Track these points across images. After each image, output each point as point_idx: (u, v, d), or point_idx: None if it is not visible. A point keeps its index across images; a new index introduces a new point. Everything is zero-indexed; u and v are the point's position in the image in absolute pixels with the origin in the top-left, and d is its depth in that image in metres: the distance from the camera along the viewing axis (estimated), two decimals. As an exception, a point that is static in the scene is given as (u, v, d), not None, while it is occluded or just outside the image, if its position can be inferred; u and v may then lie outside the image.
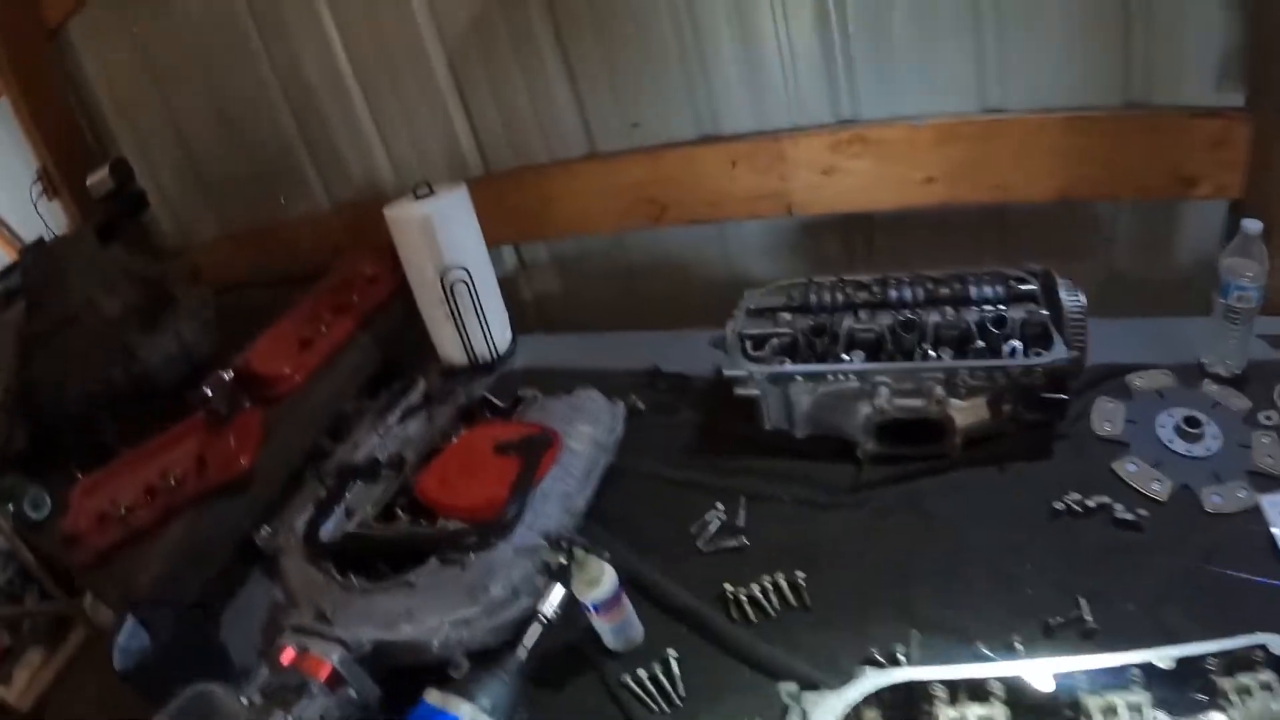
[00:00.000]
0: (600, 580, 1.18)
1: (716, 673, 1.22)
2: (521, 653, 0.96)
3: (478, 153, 2.10)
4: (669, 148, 1.90)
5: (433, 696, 0.90)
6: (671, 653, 1.24)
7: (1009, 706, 0.91)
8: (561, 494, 1.40)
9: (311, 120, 2.24)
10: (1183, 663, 0.88)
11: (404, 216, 1.82)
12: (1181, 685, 0.89)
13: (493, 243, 2.02)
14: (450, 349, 1.92)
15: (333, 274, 2.13)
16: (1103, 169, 1.66)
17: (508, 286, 2.05)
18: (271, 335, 1.94)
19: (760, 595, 1.28)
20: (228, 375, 1.78)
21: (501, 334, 1.94)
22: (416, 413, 1.71)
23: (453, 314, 1.85)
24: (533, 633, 0.99)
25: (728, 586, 1.30)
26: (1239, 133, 1.51)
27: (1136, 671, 0.88)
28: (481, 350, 1.91)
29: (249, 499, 1.69)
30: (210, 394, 1.73)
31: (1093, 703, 0.88)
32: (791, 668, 1.14)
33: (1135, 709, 0.86)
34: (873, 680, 0.92)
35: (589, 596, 1.18)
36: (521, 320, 2.06)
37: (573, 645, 1.30)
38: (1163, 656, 0.88)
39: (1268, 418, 1.33)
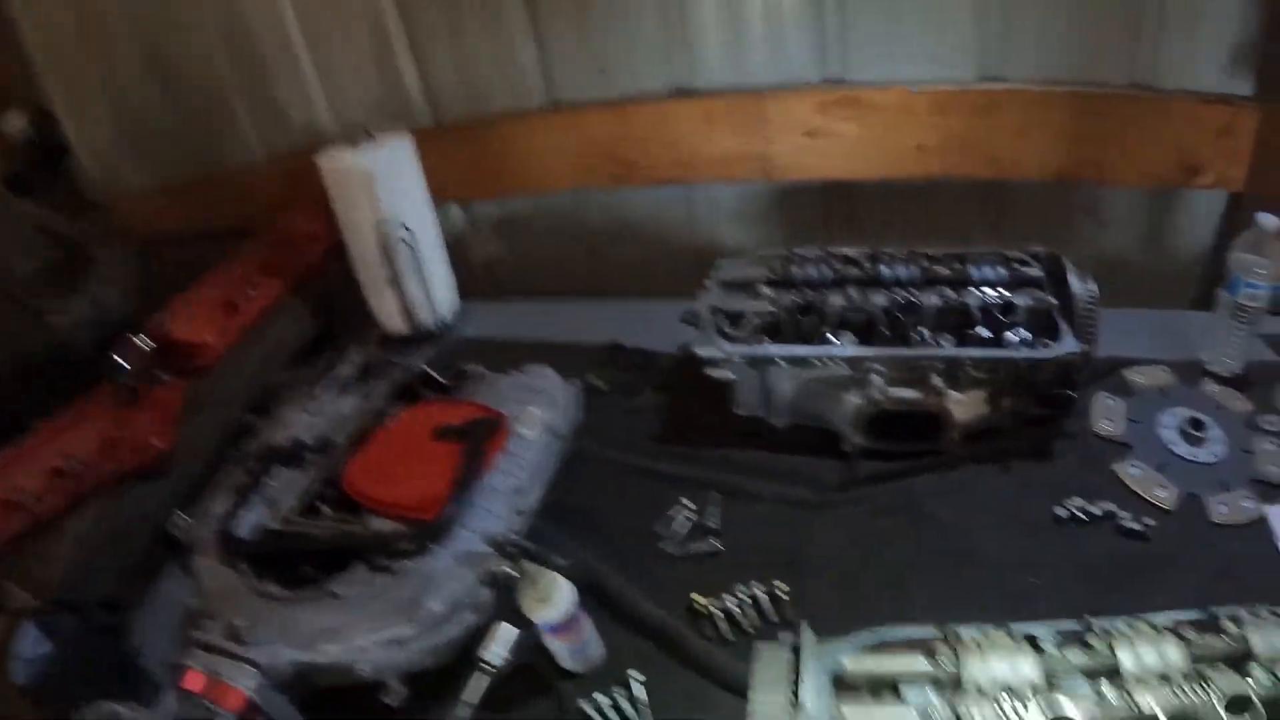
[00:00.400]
0: (553, 598, 0.99)
1: (686, 698, 1.05)
2: (463, 711, 0.76)
3: (426, 101, 1.85)
4: (639, 101, 1.68)
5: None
6: (635, 675, 1.06)
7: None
8: (510, 490, 1.19)
9: (248, 63, 1.96)
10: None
11: (340, 167, 1.59)
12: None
13: (441, 199, 1.80)
14: (390, 316, 1.70)
15: (265, 231, 1.88)
16: (1105, 150, 1.53)
17: (456, 249, 1.83)
18: (192, 298, 1.69)
19: (736, 609, 1.11)
20: (143, 343, 1.54)
21: (447, 300, 1.72)
22: (350, 388, 1.48)
23: (393, 277, 1.63)
24: (476, 686, 0.80)
25: (698, 599, 1.12)
26: (1246, 122, 1.42)
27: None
28: (424, 318, 1.69)
29: (167, 484, 1.47)
30: (123, 364, 1.50)
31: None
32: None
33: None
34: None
35: (541, 616, 0.99)
36: (470, 285, 1.84)
37: (525, 665, 1.12)
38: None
39: (1269, 423, 1.24)
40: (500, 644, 0.81)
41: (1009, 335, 1.21)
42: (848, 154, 1.61)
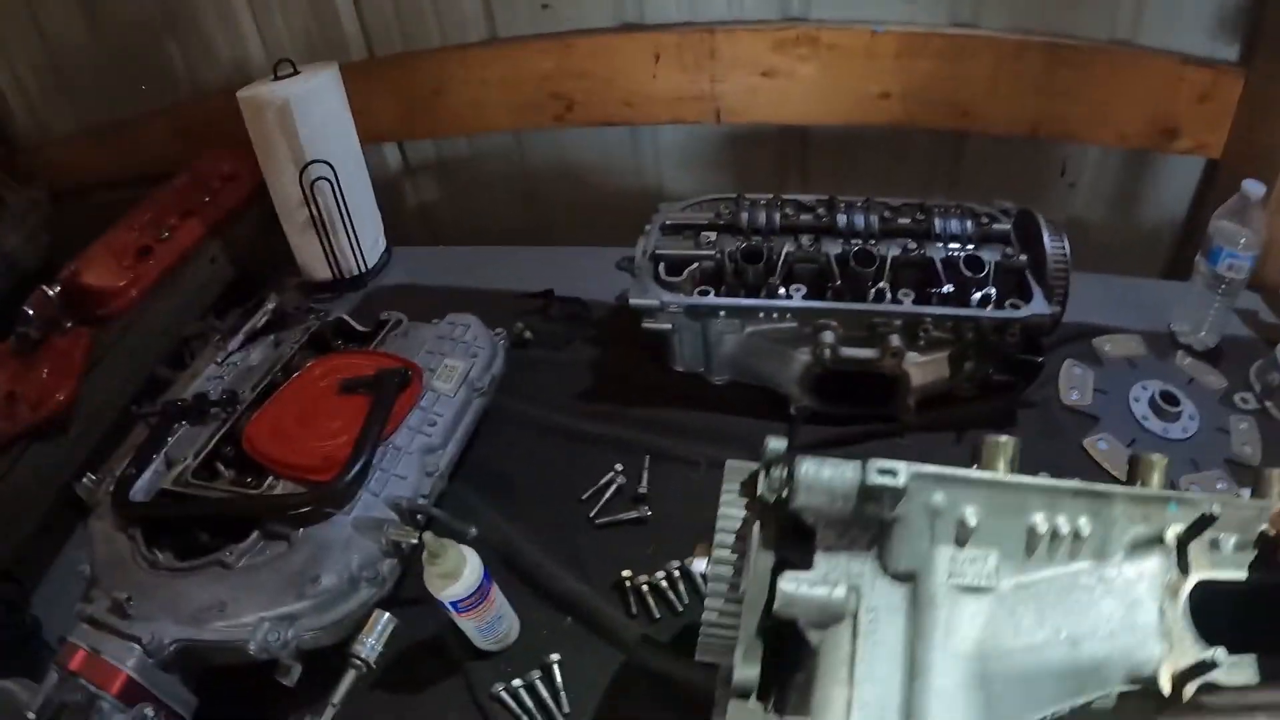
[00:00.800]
0: (459, 573, 0.86)
1: (608, 683, 0.93)
2: (328, 714, 0.63)
3: (361, 33, 1.68)
4: (583, 34, 1.52)
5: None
6: (554, 657, 0.94)
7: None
8: (420, 449, 1.05)
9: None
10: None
11: (258, 99, 1.42)
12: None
13: (373, 138, 1.65)
14: (312, 261, 1.54)
15: (185, 172, 1.71)
16: (1079, 107, 1.41)
17: (389, 192, 1.68)
18: (105, 243, 1.51)
19: (665, 584, 0.99)
20: (52, 291, 1.38)
21: (372, 245, 1.56)
22: (262, 337, 1.34)
23: (314, 219, 1.47)
24: (345, 682, 0.67)
25: (626, 574, 1.00)
26: (1228, 88, 1.32)
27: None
28: (348, 263, 1.53)
29: (70, 441, 1.33)
30: (27, 312, 1.35)
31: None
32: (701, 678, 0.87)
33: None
34: None
35: (445, 593, 0.86)
36: (403, 232, 1.68)
37: (433, 641, 1.00)
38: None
39: (1244, 400, 1.16)
40: (375, 636, 0.68)
41: (977, 294, 1.08)
42: (805, 97, 1.47)
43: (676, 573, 0.99)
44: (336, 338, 1.28)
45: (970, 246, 1.13)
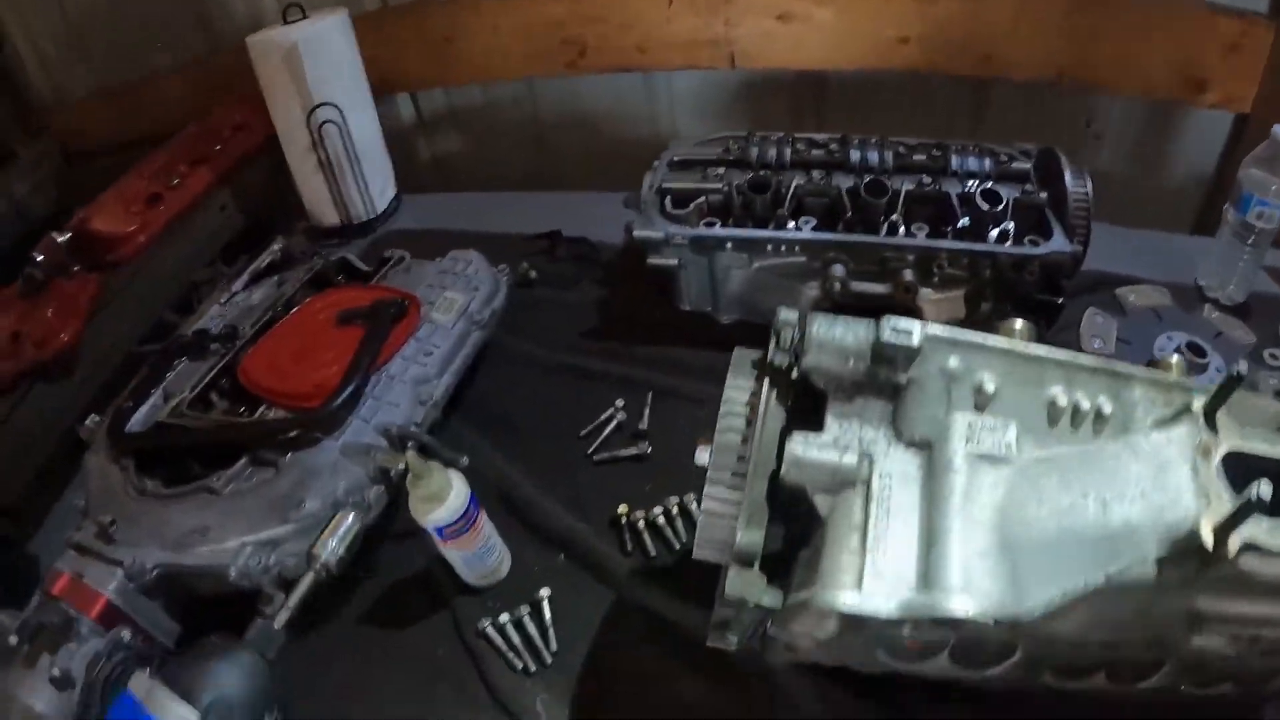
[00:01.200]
0: (443, 496, 0.80)
1: (599, 622, 0.88)
2: (280, 616, 0.58)
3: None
4: None
5: (139, 684, 0.52)
6: (544, 593, 0.89)
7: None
8: (415, 378, 1.00)
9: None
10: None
11: (267, 42, 1.38)
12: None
13: (386, 89, 1.60)
14: (320, 206, 1.48)
15: (196, 124, 1.67)
16: (1105, 53, 1.33)
17: (402, 143, 1.62)
18: (115, 191, 1.47)
19: (662, 520, 0.93)
20: (62, 238, 1.35)
21: (381, 189, 1.50)
22: (267, 278, 1.29)
23: (322, 163, 1.42)
24: (303, 584, 0.62)
25: (623, 510, 0.94)
26: (1259, 39, 1.24)
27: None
28: (355, 209, 1.48)
29: (74, 384, 1.30)
30: (39, 258, 1.31)
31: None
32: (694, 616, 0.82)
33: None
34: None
35: (429, 519, 0.81)
36: (415, 181, 1.63)
37: (422, 575, 0.95)
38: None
39: (1274, 356, 1.07)
40: (338, 539, 0.63)
41: (992, 230, 1.01)
42: (821, 42, 1.40)
43: (675, 509, 0.93)
44: (339, 275, 1.23)
45: (989, 184, 1.05)
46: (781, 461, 0.58)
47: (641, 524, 0.92)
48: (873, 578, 0.52)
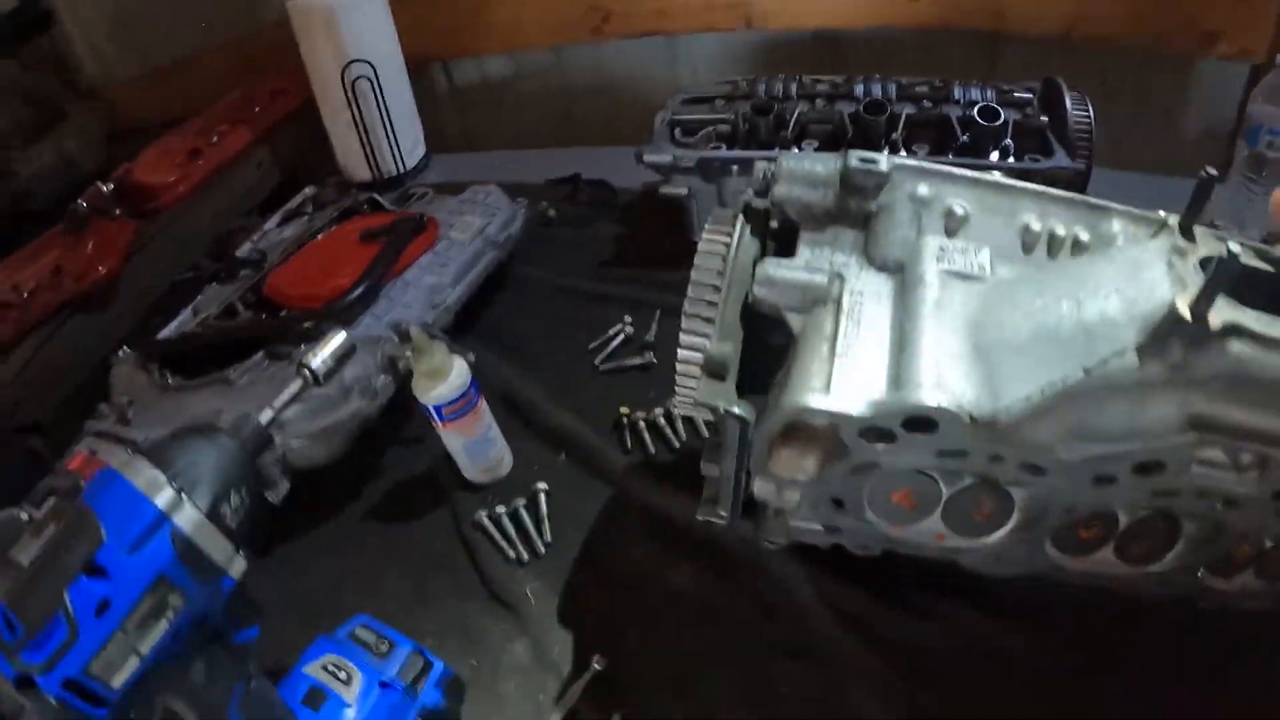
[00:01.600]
0: (445, 372, 0.81)
1: (596, 517, 0.87)
2: (263, 415, 0.58)
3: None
4: None
5: (117, 457, 0.53)
6: (542, 486, 0.88)
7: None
8: (429, 286, 1.01)
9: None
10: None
11: (306, 5, 1.42)
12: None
13: (420, 58, 1.62)
14: (352, 161, 1.51)
15: (239, 91, 1.72)
16: (1117, 8, 1.30)
17: (435, 113, 1.65)
18: (160, 145, 1.53)
19: (663, 421, 0.92)
20: (106, 187, 1.39)
21: (411, 148, 1.52)
22: (297, 217, 1.31)
23: (355, 118, 1.45)
24: (290, 389, 0.62)
25: (624, 410, 0.94)
26: None
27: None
28: (386, 164, 1.50)
29: (112, 316, 1.33)
30: (84, 205, 1.36)
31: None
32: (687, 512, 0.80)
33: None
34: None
35: (430, 395, 0.81)
36: (445, 146, 1.65)
37: (426, 474, 0.95)
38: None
39: None
40: (330, 352, 0.63)
41: (993, 151, 1.00)
42: (834, 1, 1.40)
43: (676, 410, 0.92)
44: (365, 209, 1.25)
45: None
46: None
47: (642, 424, 0.92)
48: (842, 380, 0.51)
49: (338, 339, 0.60)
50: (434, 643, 0.74)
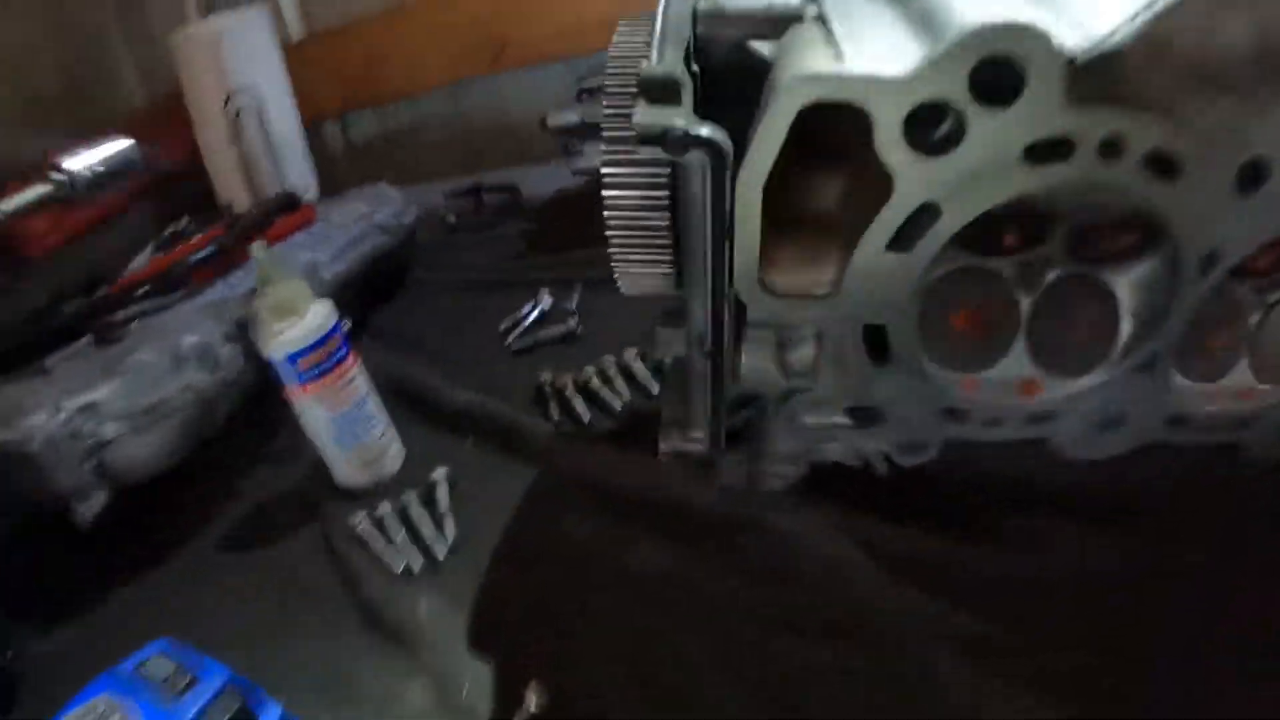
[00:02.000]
0: (297, 308, 0.59)
1: (517, 501, 0.64)
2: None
3: (297, 10, 1.52)
4: None
5: None
6: (439, 473, 0.65)
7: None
8: (303, 262, 0.79)
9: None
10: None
11: (189, 35, 1.28)
12: None
13: (316, 115, 1.47)
14: (237, 199, 1.31)
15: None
16: None
17: (330, 171, 1.48)
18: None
19: (598, 382, 0.71)
20: None
21: (301, 185, 1.33)
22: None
23: (239, 151, 1.26)
24: (27, 193, 0.41)
25: (545, 377, 0.73)
26: None
27: None
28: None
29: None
30: None
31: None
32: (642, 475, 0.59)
33: None
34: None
35: (280, 341, 0.59)
36: (339, 190, 1.47)
37: (295, 491, 0.71)
38: None
39: None
40: (99, 155, 0.42)
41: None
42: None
43: (613, 369, 0.71)
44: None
45: None
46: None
47: (571, 387, 0.71)
48: (854, 52, 0.32)
49: (114, 145, 0.40)
50: (298, 696, 0.50)
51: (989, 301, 0.36)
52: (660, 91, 0.34)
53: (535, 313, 0.83)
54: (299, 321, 0.59)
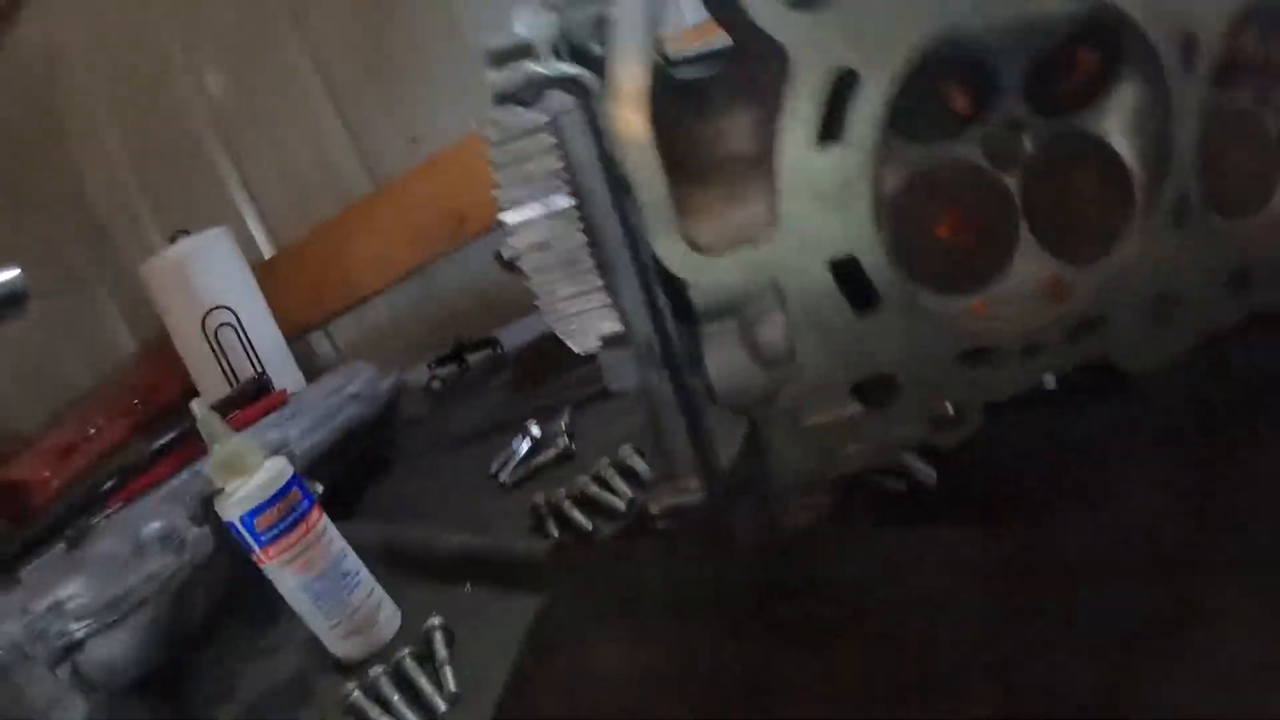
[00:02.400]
0: (247, 465, 0.52)
1: (523, 634, 0.54)
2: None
3: (263, 228, 1.55)
4: (450, 149, 1.37)
5: None
6: (435, 622, 0.56)
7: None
8: (271, 441, 0.73)
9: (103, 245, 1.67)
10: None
11: (157, 263, 1.30)
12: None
13: (301, 328, 1.48)
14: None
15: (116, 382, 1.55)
16: None
17: (320, 374, 1.45)
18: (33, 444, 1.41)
19: (595, 488, 0.63)
20: None
21: (287, 379, 1.30)
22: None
23: (222, 367, 1.23)
24: None
25: (538, 498, 0.64)
26: None
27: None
28: (261, 404, 1.27)
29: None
30: None
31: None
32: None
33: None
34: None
35: (234, 501, 0.51)
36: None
37: (293, 679, 0.62)
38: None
39: None
40: None
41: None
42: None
43: (609, 471, 0.63)
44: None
45: None
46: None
47: (567, 502, 0.62)
48: None
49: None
50: None
51: (970, 195, 0.29)
52: (512, 55, 0.29)
53: (526, 443, 0.76)
54: (249, 480, 0.51)
